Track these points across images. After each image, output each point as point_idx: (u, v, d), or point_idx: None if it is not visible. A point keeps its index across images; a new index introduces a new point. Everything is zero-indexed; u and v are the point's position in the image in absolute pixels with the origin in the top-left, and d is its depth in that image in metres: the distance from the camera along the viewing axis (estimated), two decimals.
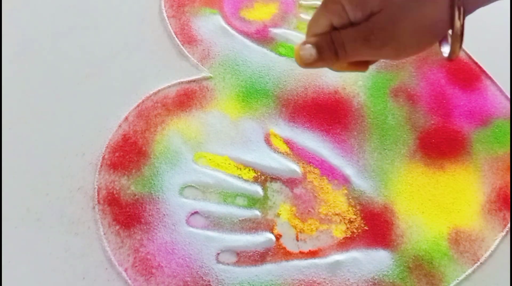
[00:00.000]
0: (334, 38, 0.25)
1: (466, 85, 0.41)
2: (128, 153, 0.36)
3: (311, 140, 0.38)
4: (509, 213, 0.35)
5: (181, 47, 0.41)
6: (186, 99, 0.39)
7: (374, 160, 0.37)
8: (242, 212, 0.35)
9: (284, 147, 0.37)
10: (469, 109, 0.39)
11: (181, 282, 0.32)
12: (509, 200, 0.36)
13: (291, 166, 0.37)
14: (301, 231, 0.35)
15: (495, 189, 0.36)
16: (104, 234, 0.34)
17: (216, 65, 0.40)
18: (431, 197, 0.36)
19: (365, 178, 0.36)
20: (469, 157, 0.38)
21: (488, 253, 0.34)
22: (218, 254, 0.34)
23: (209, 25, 0.42)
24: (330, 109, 0.39)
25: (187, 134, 0.37)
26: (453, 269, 0.34)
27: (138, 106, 0.38)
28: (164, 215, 0.34)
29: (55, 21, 0.42)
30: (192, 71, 0.40)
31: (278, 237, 0.34)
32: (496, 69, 0.41)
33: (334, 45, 0.25)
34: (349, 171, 0.37)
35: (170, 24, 0.42)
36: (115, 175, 0.36)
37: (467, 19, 0.24)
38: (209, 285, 0.32)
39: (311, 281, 0.33)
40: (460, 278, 0.33)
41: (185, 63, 0.40)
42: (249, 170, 0.36)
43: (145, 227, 0.34)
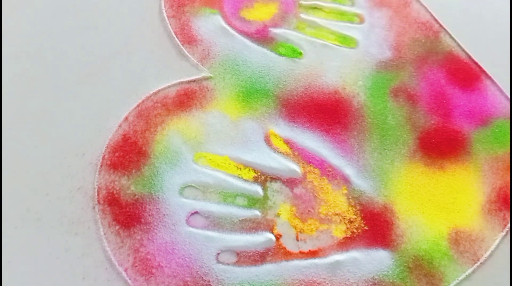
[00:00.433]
0: None
1: (466, 85, 0.41)
2: (128, 153, 0.36)
3: (311, 140, 0.38)
4: (509, 213, 0.35)
5: (181, 47, 0.41)
6: (186, 99, 0.39)
7: (374, 160, 0.37)
8: (242, 212, 0.35)
9: (284, 147, 0.37)
10: (469, 109, 0.39)
11: (181, 282, 0.32)
12: (509, 200, 0.36)
13: (291, 166, 0.37)
14: (301, 231, 0.35)
15: (495, 189, 0.36)
16: (104, 234, 0.34)
17: (216, 65, 0.40)
18: (431, 197, 0.36)
19: (365, 178, 0.36)
20: (469, 157, 0.38)
21: (488, 253, 0.34)
22: (218, 254, 0.34)
23: (209, 25, 0.42)
24: (330, 109, 0.39)
25: (187, 134, 0.37)
26: (453, 269, 0.34)
27: (138, 106, 0.38)
28: (164, 215, 0.34)
29: (55, 21, 0.42)
30: (192, 71, 0.40)
31: (278, 237, 0.34)
32: (496, 69, 0.41)
33: None
34: (349, 171, 0.37)
35: (170, 24, 0.42)
36: (115, 175, 0.36)
37: (467, 19, 0.24)
38: (209, 285, 0.32)
39: (311, 281, 0.33)
40: (460, 278, 0.33)
41: (185, 63, 0.40)
42: (249, 170, 0.36)
43: (145, 227, 0.34)
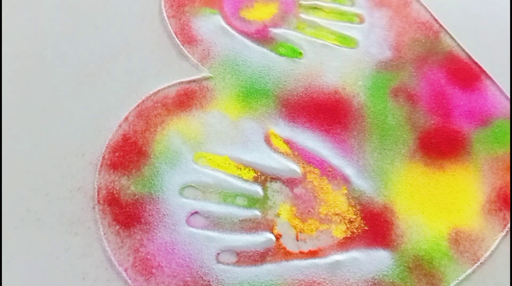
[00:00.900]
0: None
1: (466, 85, 0.41)
2: (128, 153, 0.36)
3: (311, 140, 0.38)
4: (509, 213, 0.35)
5: (181, 47, 0.41)
6: (186, 99, 0.39)
7: (374, 160, 0.37)
8: (242, 212, 0.35)
9: (284, 147, 0.37)
10: (469, 109, 0.39)
11: (181, 282, 0.32)
12: (509, 200, 0.36)
13: (291, 166, 0.37)
14: (301, 231, 0.35)
15: (495, 189, 0.36)
16: (104, 234, 0.34)
17: (216, 65, 0.40)
18: (431, 197, 0.36)
19: (365, 178, 0.36)
20: (469, 157, 0.38)
21: (488, 253, 0.34)
22: (218, 254, 0.34)
23: (209, 25, 0.42)
24: (330, 109, 0.39)
25: (187, 134, 0.37)
26: (453, 269, 0.34)
27: (138, 106, 0.38)
28: (164, 215, 0.34)
29: (55, 21, 0.42)
30: (192, 71, 0.40)
31: (278, 237, 0.34)
32: (496, 69, 0.41)
33: None
34: (349, 171, 0.37)
35: (170, 24, 0.42)
36: (115, 175, 0.36)
37: (467, 19, 0.24)
38: (209, 285, 0.32)
39: (311, 281, 0.33)
40: (460, 278, 0.33)
41: (185, 63, 0.40)
42: (249, 170, 0.36)
43: (145, 227, 0.34)
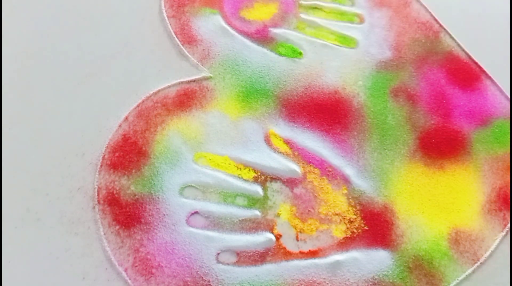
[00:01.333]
0: None
1: (466, 85, 0.41)
2: (128, 153, 0.36)
3: (311, 140, 0.38)
4: (509, 213, 0.35)
5: (181, 47, 0.41)
6: (186, 99, 0.39)
7: (374, 160, 0.37)
8: (242, 212, 0.35)
9: (284, 147, 0.37)
10: (469, 109, 0.39)
11: (181, 282, 0.32)
12: (509, 200, 0.36)
13: (291, 166, 0.37)
14: (301, 231, 0.35)
15: (495, 189, 0.36)
16: (104, 234, 0.34)
17: (216, 65, 0.40)
18: (431, 197, 0.36)
19: (365, 178, 0.36)
20: (469, 157, 0.38)
21: (488, 253, 0.34)
22: (218, 254, 0.34)
23: (209, 25, 0.42)
24: (330, 109, 0.39)
25: (187, 134, 0.37)
26: (453, 269, 0.34)
27: (138, 106, 0.38)
28: (164, 215, 0.34)
29: (55, 21, 0.42)
30: (192, 71, 0.40)
31: (278, 237, 0.34)
32: (496, 69, 0.41)
33: None
34: (349, 171, 0.37)
35: (170, 24, 0.42)
36: (115, 175, 0.36)
37: (467, 19, 0.24)
38: (209, 285, 0.32)
39: (311, 281, 0.33)
40: (460, 278, 0.33)
41: (185, 63, 0.40)
42: (249, 170, 0.36)
43: (145, 227, 0.34)
